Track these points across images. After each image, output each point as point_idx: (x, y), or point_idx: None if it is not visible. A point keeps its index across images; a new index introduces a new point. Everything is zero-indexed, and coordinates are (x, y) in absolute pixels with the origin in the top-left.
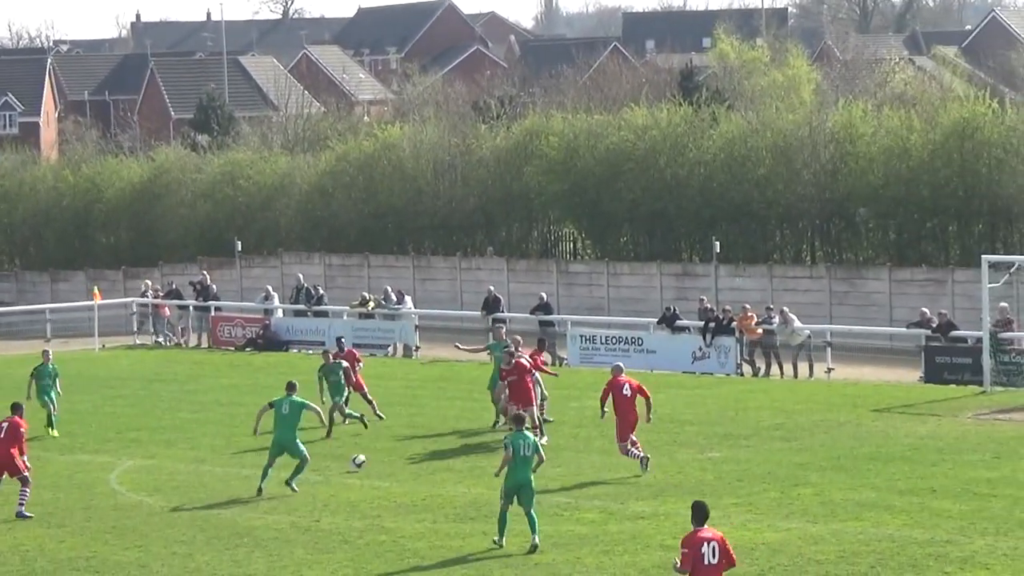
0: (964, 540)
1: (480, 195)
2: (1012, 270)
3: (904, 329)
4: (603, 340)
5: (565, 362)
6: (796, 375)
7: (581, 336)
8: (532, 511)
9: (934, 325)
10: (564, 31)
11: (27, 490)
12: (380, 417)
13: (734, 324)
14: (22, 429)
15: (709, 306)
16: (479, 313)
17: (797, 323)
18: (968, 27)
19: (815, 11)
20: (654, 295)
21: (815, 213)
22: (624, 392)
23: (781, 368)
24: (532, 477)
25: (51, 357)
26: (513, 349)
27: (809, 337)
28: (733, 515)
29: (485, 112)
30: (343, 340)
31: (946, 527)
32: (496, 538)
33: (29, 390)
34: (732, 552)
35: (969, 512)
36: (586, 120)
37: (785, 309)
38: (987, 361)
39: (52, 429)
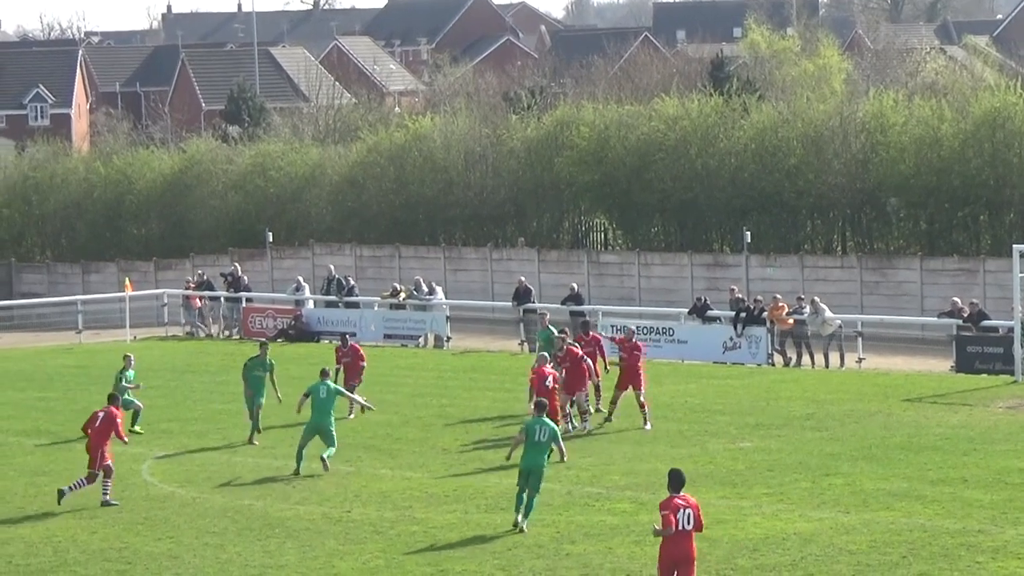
0: (996, 530)
1: (511, 186)
2: None
3: (935, 319)
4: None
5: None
6: (827, 365)
7: (612, 326)
8: (535, 498)
9: (965, 315)
10: (595, 21)
11: (90, 482)
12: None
13: (765, 314)
14: (119, 420)
15: (740, 296)
16: (510, 304)
17: (828, 313)
18: (999, 16)
19: (846, 0)
20: (685, 285)
21: (846, 203)
22: (546, 384)
23: (812, 358)
24: (545, 464)
25: (133, 363)
26: (561, 344)
27: (840, 327)
28: (764, 505)
29: (516, 103)
30: (348, 336)
31: (978, 517)
32: (516, 519)
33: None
34: (702, 519)
35: (1001, 502)
36: (617, 111)
37: (816, 299)
38: (1019, 351)
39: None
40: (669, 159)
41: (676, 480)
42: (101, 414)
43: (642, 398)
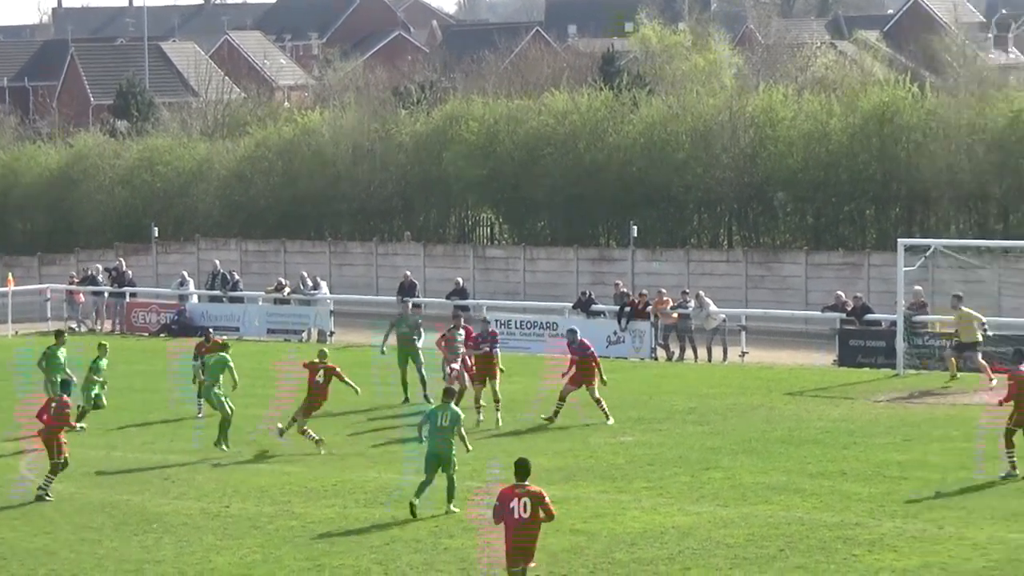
0: (873, 523)
1: (399, 180)
2: (927, 253)
3: (819, 313)
4: (519, 325)
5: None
6: (710, 359)
7: (497, 321)
8: (452, 477)
9: (849, 308)
10: (487, 16)
11: (55, 472)
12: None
13: (649, 308)
14: (68, 408)
15: (625, 290)
16: (395, 298)
17: (713, 307)
18: (890, 11)
19: None
20: (570, 280)
21: (733, 197)
22: (317, 378)
23: (695, 352)
24: (452, 448)
25: (107, 352)
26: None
27: (724, 321)
28: (644, 499)
29: (405, 97)
30: (211, 331)
31: (856, 510)
32: (412, 499)
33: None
34: (551, 507)
35: (879, 495)
36: (506, 105)
37: (701, 293)
38: (900, 344)
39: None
40: (558, 153)
41: (520, 469)
42: (54, 403)
43: (596, 395)
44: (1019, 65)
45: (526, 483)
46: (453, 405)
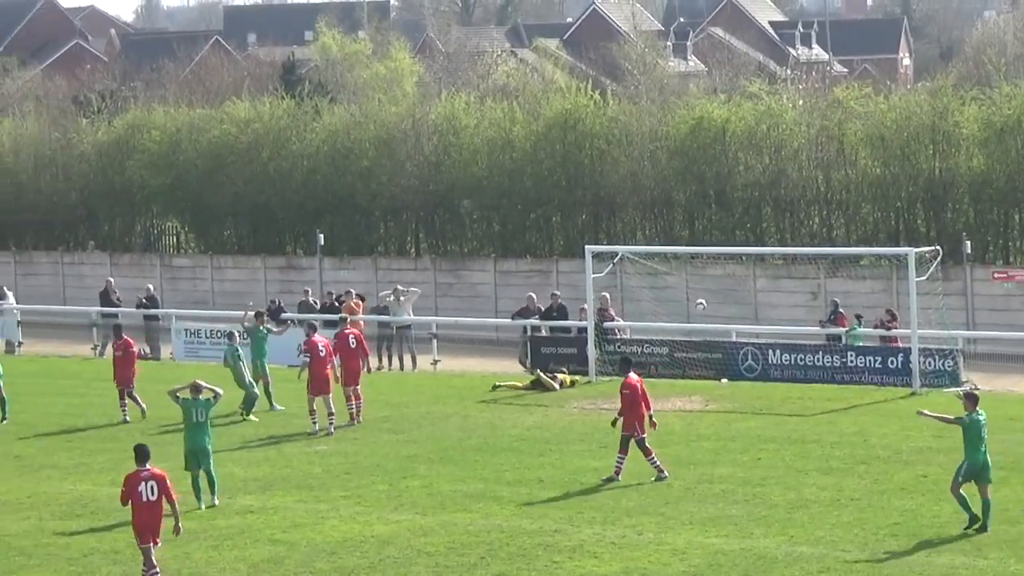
0: (572, 529)
1: (82, 189)
2: (615, 260)
3: (509, 320)
4: (207, 334)
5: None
6: (402, 367)
7: (186, 330)
8: (212, 471)
9: (544, 309)
10: (165, 24)
11: None
12: None
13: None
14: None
15: (313, 300)
16: (86, 308)
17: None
18: (569, 19)
19: (417, 4)
20: (259, 288)
21: (419, 205)
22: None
23: (390, 361)
24: (208, 443)
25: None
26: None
27: (410, 328)
28: (342, 508)
29: (86, 106)
30: None
31: (554, 517)
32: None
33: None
34: (172, 490)
35: (577, 502)
36: (188, 114)
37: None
38: (592, 351)
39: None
40: (241, 162)
41: (140, 454)
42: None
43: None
44: (698, 73)
45: (148, 467)
46: (201, 399)
